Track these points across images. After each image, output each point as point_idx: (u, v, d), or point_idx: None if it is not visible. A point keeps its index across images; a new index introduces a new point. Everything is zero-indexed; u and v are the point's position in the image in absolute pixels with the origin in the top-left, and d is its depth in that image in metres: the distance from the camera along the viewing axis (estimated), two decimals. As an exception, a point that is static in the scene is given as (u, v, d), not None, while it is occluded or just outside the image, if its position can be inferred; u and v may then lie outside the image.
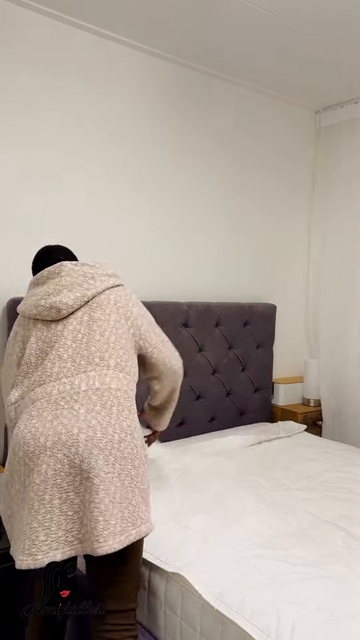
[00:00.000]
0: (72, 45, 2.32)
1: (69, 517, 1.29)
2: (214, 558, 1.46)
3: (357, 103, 3.06)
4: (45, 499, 1.28)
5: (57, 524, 1.28)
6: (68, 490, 1.29)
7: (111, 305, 1.54)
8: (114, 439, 1.34)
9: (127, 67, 2.50)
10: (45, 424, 1.34)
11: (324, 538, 1.59)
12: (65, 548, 1.29)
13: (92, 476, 1.28)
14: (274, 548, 1.51)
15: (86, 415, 1.34)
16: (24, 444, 1.34)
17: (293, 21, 2.23)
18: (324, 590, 1.32)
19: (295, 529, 1.65)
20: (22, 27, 2.19)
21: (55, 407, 1.37)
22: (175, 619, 1.43)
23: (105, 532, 1.27)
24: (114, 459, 1.32)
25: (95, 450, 1.30)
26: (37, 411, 1.38)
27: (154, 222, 2.65)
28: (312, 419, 3.06)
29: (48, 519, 1.28)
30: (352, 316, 3.04)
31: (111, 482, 1.30)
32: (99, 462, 1.30)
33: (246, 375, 2.90)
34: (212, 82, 2.81)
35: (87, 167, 2.40)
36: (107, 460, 1.31)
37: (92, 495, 1.27)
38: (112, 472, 1.31)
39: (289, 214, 3.25)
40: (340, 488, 1.97)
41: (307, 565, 1.42)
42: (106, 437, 1.33)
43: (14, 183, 2.21)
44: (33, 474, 1.31)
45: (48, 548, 1.27)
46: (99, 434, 1.32)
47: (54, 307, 1.48)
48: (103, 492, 1.28)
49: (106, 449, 1.32)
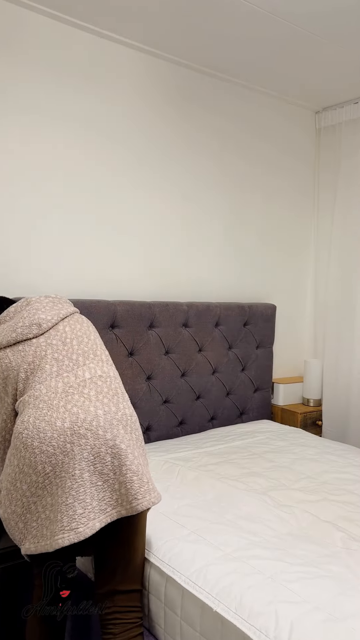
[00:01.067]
0: (72, 46, 2.32)
1: (99, 487, 1.36)
2: (212, 558, 1.46)
3: (357, 103, 3.06)
4: (75, 475, 1.34)
5: (90, 495, 1.35)
6: (95, 462, 1.36)
7: (84, 322, 1.69)
8: (126, 412, 1.46)
9: (127, 67, 2.50)
10: (59, 409, 1.40)
11: (323, 538, 1.59)
12: (101, 516, 1.36)
13: (117, 443, 1.38)
14: (273, 548, 1.51)
15: (97, 396, 1.45)
16: (37, 432, 1.37)
17: (293, 21, 2.23)
18: (322, 590, 1.31)
19: (294, 529, 1.65)
20: (22, 27, 2.19)
21: (64, 395, 1.43)
22: (175, 618, 1.43)
23: (142, 489, 1.39)
24: (130, 429, 1.45)
25: (115, 422, 1.41)
26: (44, 403, 1.42)
27: (154, 221, 2.65)
28: (312, 419, 3.06)
29: (82, 492, 1.34)
30: (356, 316, 3.03)
31: (134, 448, 1.43)
32: (120, 431, 1.41)
33: (246, 375, 2.90)
34: (212, 82, 2.81)
35: (87, 166, 2.40)
36: (125, 429, 1.43)
37: (122, 459, 1.38)
38: (131, 439, 1.43)
39: (289, 214, 3.25)
40: (340, 489, 1.97)
41: (306, 565, 1.42)
42: (120, 411, 1.45)
43: (13, 183, 2.21)
44: (57, 456, 1.35)
45: (87, 519, 1.33)
46: (113, 409, 1.44)
47: (34, 323, 1.57)
48: (131, 455, 1.40)
49: (122, 420, 1.43)
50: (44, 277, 2.31)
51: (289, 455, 2.34)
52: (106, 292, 2.51)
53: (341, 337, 3.10)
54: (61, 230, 2.35)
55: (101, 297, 2.50)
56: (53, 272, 2.34)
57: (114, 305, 2.37)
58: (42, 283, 2.31)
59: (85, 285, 2.44)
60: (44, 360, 1.51)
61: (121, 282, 2.56)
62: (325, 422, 3.11)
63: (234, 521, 1.67)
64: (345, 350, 3.07)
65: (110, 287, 2.52)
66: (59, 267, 2.35)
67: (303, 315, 3.41)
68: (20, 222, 2.24)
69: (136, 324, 2.43)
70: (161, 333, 2.52)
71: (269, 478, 2.05)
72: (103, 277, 2.50)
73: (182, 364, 2.61)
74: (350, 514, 1.76)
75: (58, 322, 1.62)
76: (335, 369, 3.11)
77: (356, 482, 2.04)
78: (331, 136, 3.26)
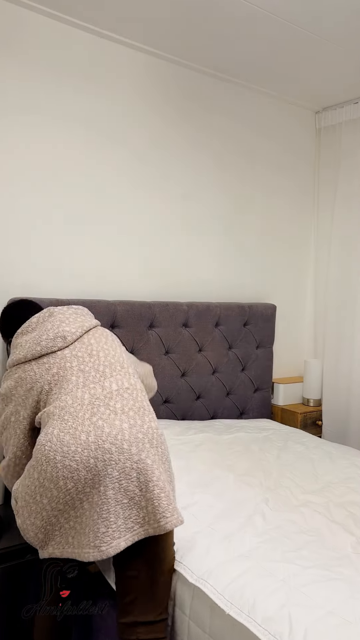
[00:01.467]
0: (72, 45, 2.32)
1: (124, 504, 1.32)
2: (222, 559, 1.45)
3: (357, 103, 3.06)
4: (100, 492, 1.31)
5: (115, 514, 1.30)
6: (120, 478, 1.32)
7: (109, 335, 1.67)
8: (152, 426, 1.42)
9: (127, 67, 2.50)
10: (84, 422, 1.36)
11: (333, 541, 1.57)
12: (127, 535, 1.31)
13: (143, 457, 1.34)
14: (283, 550, 1.50)
15: (123, 408, 1.41)
16: (60, 446, 1.33)
17: (293, 21, 2.23)
18: (335, 593, 1.29)
19: (304, 531, 1.63)
20: (22, 27, 2.19)
21: (90, 407, 1.40)
22: (184, 618, 1.41)
23: (170, 507, 1.34)
24: (156, 443, 1.40)
25: (140, 435, 1.37)
26: (70, 414, 1.38)
27: (154, 221, 2.65)
28: (312, 419, 3.06)
29: (105, 510, 1.30)
30: (356, 316, 3.03)
31: (159, 463, 1.38)
32: (145, 445, 1.36)
33: (246, 375, 2.90)
34: (211, 82, 2.81)
35: (87, 166, 2.40)
36: (151, 443, 1.38)
37: (149, 475, 1.33)
38: (156, 454, 1.39)
39: (289, 214, 3.25)
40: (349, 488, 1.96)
41: (317, 568, 1.40)
42: (146, 424, 1.41)
43: (13, 183, 2.21)
44: (79, 472, 1.31)
45: (110, 539, 1.30)
46: (139, 422, 1.40)
47: (59, 336, 1.54)
48: (157, 471, 1.35)
49: (148, 434, 1.39)
50: (44, 277, 2.31)
51: (289, 455, 2.34)
52: (106, 292, 2.51)
53: (341, 337, 3.10)
54: (61, 230, 2.35)
55: (101, 297, 2.50)
56: (53, 272, 2.34)
57: (114, 305, 2.37)
58: (42, 283, 2.31)
59: (85, 285, 2.44)
60: (70, 372, 1.48)
61: (121, 282, 2.56)
62: (325, 422, 3.10)
63: (241, 523, 1.65)
64: (345, 350, 3.07)
65: (110, 287, 2.52)
66: (59, 267, 2.35)
67: (303, 315, 3.41)
68: (20, 222, 2.24)
69: (136, 324, 2.43)
70: (161, 333, 2.52)
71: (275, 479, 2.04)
72: (103, 277, 2.50)
73: (182, 364, 2.61)
74: (357, 516, 1.75)
75: (82, 335, 1.59)
76: (335, 369, 3.11)
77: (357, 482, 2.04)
78: (331, 136, 3.26)
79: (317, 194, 3.35)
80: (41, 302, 2.17)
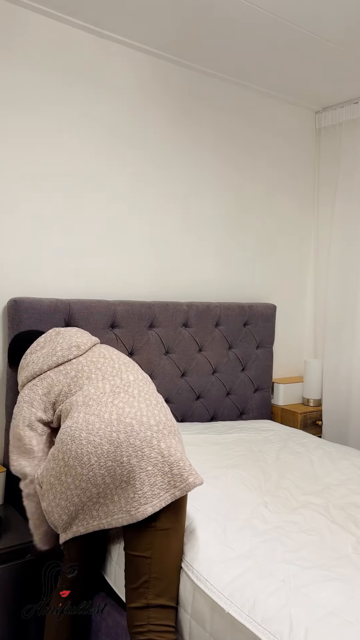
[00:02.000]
0: (72, 45, 2.32)
1: (149, 472, 1.39)
2: (222, 558, 1.45)
3: (357, 103, 3.06)
4: (124, 462, 1.37)
5: (140, 481, 1.38)
6: (142, 447, 1.40)
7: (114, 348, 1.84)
8: (164, 405, 1.57)
9: (128, 67, 2.50)
10: (107, 405, 1.47)
11: (333, 542, 1.57)
12: (154, 501, 1.38)
13: (161, 428, 1.45)
14: (283, 550, 1.50)
15: (140, 393, 1.55)
16: (86, 425, 1.43)
17: (293, 21, 2.23)
18: (335, 593, 1.29)
19: (304, 532, 1.63)
20: (22, 27, 2.19)
21: (112, 394, 1.52)
22: (185, 616, 1.41)
23: (192, 468, 1.44)
24: (170, 417, 1.54)
25: (156, 411, 1.50)
26: (94, 400, 1.50)
27: (154, 221, 2.65)
28: (312, 419, 3.06)
29: (131, 477, 1.37)
30: (356, 316, 3.03)
31: (174, 434, 1.49)
32: (162, 419, 1.48)
33: (246, 375, 2.90)
34: (211, 82, 2.81)
35: (87, 166, 2.40)
36: (167, 417, 1.51)
37: (169, 441, 1.44)
38: (172, 427, 1.50)
39: (289, 214, 3.25)
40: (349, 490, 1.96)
41: (318, 569, 1.40)
42: (159, 404, 1.55)
43: (14, 183, 2.21)
44: (103, 446, 1.39)
45: (138, 504, 1.36)
46: (153, 402, 1.53)
47: (74, 345, 1.68)
48: (174, 440, 1.46)
49: (163, 410, 1.52)
50: (44, 277, 2.31)
51: (289, 456, 2.34)
52: (106, 292, 2.51)
53: (341, 337, 3.10)
54: (61, 230, 2.35)
55: (101, 297, 2.50)
56: (53, 272, 2.34)
57: (114, 305, 2.37)
58: (42, 283, 2.31)
59: (85, 285, 2.44)
60: (88, 371, 1.61)
61: (121, 282, 2.56)
62: (325, 422, 3.11)
63: (241, 522, 1.65)
64: (345, 350, 3.07)
65: (110, 287, 2.52)
66: (59, 267, 2.35)
67: (303, 315, 3.41)
68: (20, 222, 2.24)
69: (136, 324, 2.43)
70: (161, 333, 2.52)
71: (275, 480, 2.04)
72: (103, 277, 2.50)
73: (182, 364, 2.61)
74: (357, 516, 1.75)
75: (93, 346, 1.74)
76: (335, 369, 3.11)
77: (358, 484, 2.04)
78: (331, 136, 3.26)
79: (317, 194, 3.35)
80: (41, 302, 2.17)
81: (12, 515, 1.94)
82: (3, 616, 1.71)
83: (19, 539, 1.77)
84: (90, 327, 2.29)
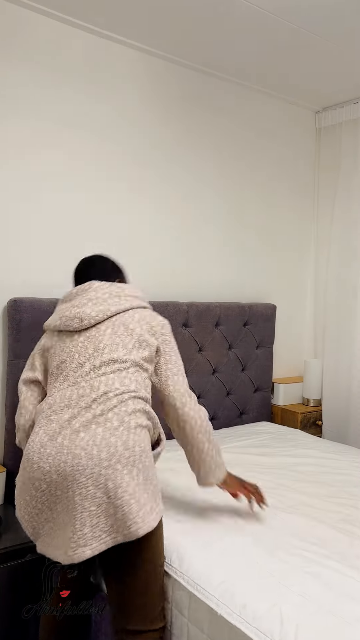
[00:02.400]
0: (71, 45, 2.32)
1: (92, 512, 1.28)
2: (213, 560, 1.45)
3: (357, 103, 3.06)
4: (69, 496, 1.29)
5: (81, 521, 1.27)
6: (87, 484, 1.28)
7: (135, 322, 1.56)
8: (130, 427, 1.37)
9: (127, 67, 2.50)
10: (64, 425, 1.36)
11: (327, 540, 1.58)
12: (94, 544, 1.28)
13: (113, 463, 1.30)
14: (275, 548, 1.50)
15: (103, 411, 1.37)
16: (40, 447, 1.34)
17: (293, 21, 2.23)
18: (328, 591, 1.30)
19: (296, 530, 1.64)
20: (22, 27, 2.19)
21: (75, 408, 1.39)
22: (183, 620, 1.41)
23: (140, 512, 1.30)
24: (133, 445, 1.35)
25: (113, 439, 1.33)
26: (55, 414, 1.40)
27: (154, 221, 2.64)
28: (312, 419, 3.06)
29: (72, 516, 1.28)
30: (356, 316, 3.03)
31: (131, 467, 1.33)
32: (118, 449, 1.32)
33: (246, 375, 2.90)
34: (211, 82, 2.81)
35: (86, 166, 2.40)
36: (125, 446, 1.33)
37: (118, 481, 1.29)
38: (131, 457, 1.33)
39: (289, 213, 3.25)
40: (343, 491, 1.96)
41: (310, 567, 1.41)
42: (123, 425, 1.36)
43: (13, 183, 2.21)
44: (51, 474, 1.31)
45: (76, 545, 1.27)
46: (116, 424, 1.35)
47: (77, 317, 1.52)
48: (128, 476, 1.31)
49: (122, 437, 1.34)
50: (44, 277, 2.31)
51: (289, 455, 2.34)
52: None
53: (341, 337, 3.10)
54: (61, 230, 2.35)
55: (101, 297, 2.50)
56: (53, 272, 2.34)
57: (114, 305, 2.37)
58: (42, 283, 2.31)
59: (85, 285, 2.43)
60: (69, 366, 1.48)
61: (121, 282, 2.55)
62: (325, 422, 3.10)
63: (234, 522, 1.66)
64: (345, 350, 3.07)
65: (110, 287, 2.52)
66: (59, 267, 2.35)
67: (303, 315, 3.41)
68: (19, 222, 2.24)
69: (136, 323, 2.43)
70: (161, 333, 2.52)
71: (269, 478, 2.05)
72: (103, 277, 2.50)
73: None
74: (351, 517, 1.75)
75: (104, 320, 1.54)
76: (335, 369, 3.11)
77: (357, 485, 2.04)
78: (331, 136, 3.26)
79: (317, 194, 3.35)
80: (41, 302, 2.17)
81: (12, 515, 1.94)
82: (3, 616, 1.71)
83: (19, 539, 1.77)
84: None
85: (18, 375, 2.11)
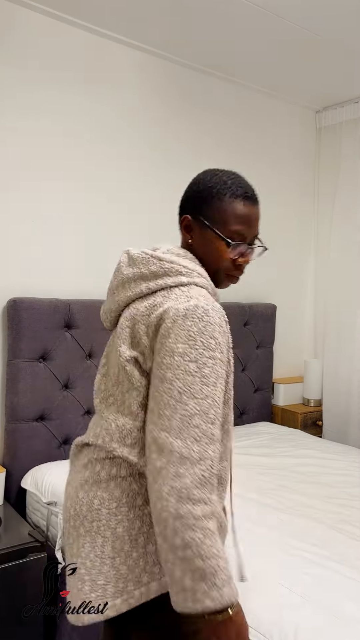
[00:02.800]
0: (71, 45, 2.32)
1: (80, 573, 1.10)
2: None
3: (357, 103, 3.05)
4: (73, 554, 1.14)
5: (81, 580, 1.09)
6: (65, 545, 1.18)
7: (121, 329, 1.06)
8: (86, 488, 1.07)
9: (127, 66, 2.50)
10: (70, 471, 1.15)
11: (327, 541, 1.58)
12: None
13: (78, 523, 1.10)
14: (275, 549, 1.50)
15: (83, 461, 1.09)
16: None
17: (293, 20, 2.23)
18: (327, 592, 1.30)
19: (296, 531, 1.64)
20: (21, 26, 2.19)
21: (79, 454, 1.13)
22: None
23: (93, 595, 1.06)
24: (86, 513, 1.07)
25: (68, 503, 1.11)
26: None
27: (154, 221, 2.64)
28: (312, 419, 3.06)
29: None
30: (356, 316, 3.03)
31: (96, 532, 1.09)
32: (81, 508, 1.08)
33: (246, 375, 2.89)
34: (211, 82, 2.81)
35: (86, 166, 2.40)
36: (77, 517, 1.09)
37: (78, 544, 1.11)
38: (86, 516, 1.08)
39: (289, 213, 3.25)
40: (343, 492, 1.96)
41: (310, 568, 1.41)
42: (81, 487, 1.08)
43: (12, 182, 2.21)
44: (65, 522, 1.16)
45: None
46: (85, 469, 1.08)
47: (105, 311, 1.17)
48: (94, 527, 1.08)
49: (84, 489, 1.07)
50: (44, 277, 2.31)
51: (288, 455, 2.34)
52: (106, 292, 2.51)
53: (341, 337, 3.10)
54: (61, 230, 2.35)
55: (101, 297, 2.49)
56: (53, 272, 2.33)
57: (114, 305, 2.37)
58: (42, 283, 2.30)
59: (85, 285, 2.43)
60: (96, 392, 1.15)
61: (121, 282, 2.55)
62: (325, 422, 3.10)
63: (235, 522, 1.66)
64: (345, 350, 3.07)
65: (110, 287, 2.52)
66: (59, 267, 2.35)
67: (303, 315, 3.41)
68: (19, 222, 2.23)
69: (136, 324, 2.42)
70: (161, 333, 2.52)
71: (268, 479, 2.04)
72: (103, 277, 2.49)
73: (182, 364, 2.61)
74: (350, 518, 1.75)
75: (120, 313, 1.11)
76: (335, 369, 3.11)
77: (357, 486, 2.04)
78: (331, 136, 3.26)
79: (317, 193, 3.35)
80: (41, 302, 2.17)
81: (12, 515, 1.93)
82: (3, 616, 1.71)
83: (19, 539, 1.77)
84: (90, 327, 2.29)
85: (18, 375, 2.11)
